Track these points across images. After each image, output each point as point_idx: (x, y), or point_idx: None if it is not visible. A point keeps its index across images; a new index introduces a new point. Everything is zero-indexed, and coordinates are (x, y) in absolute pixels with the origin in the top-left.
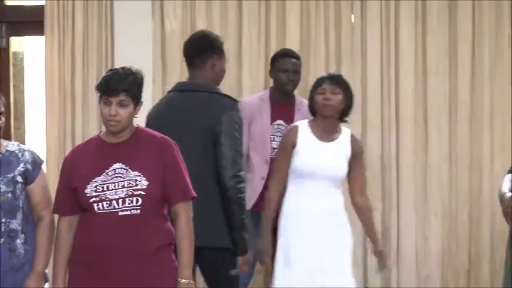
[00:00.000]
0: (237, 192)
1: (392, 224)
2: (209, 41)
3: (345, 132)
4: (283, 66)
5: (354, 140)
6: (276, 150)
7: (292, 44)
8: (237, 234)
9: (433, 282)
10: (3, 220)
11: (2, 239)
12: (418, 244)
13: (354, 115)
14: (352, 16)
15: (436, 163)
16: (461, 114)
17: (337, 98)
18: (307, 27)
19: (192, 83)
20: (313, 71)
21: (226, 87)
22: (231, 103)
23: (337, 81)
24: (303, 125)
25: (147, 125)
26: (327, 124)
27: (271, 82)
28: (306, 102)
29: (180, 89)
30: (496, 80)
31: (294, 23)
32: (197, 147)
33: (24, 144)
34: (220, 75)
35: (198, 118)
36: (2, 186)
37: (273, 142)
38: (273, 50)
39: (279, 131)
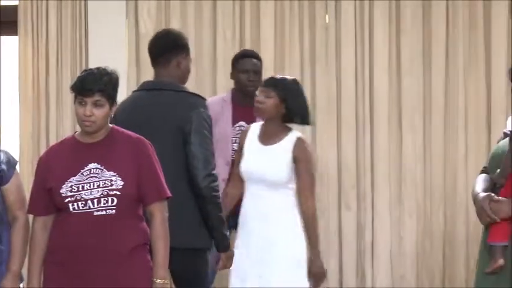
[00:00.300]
0: (211, 191)
1: (367, 224)
2: (173, 39)
3: (292, 136)
4: (244, 66)
5: (297, 145)
6: None
7: (267, 44)
8: (217, 232)
9: (408, 282)
10: None
11: None
12: (393, 244)
13: (329, 115)
14: (327, 16)
15: (411, 163)
16: (435, 114)
17: (270, 102)
18: (281, 27)
19: (158, 81)
20: (287, 71)
21: (200, 86)
22: (199, 101)
23: (270, 83)
24: (254, 127)
25: (114, 119)
26: (267, 127)
27: None
28: None
29: (146, 88)
30: (470, 80)
31: (268, 23)
32: (166, 147)
33: None
34: (185, 74)
35: (166, 117)
36: None
37: (234, 144)
38: None
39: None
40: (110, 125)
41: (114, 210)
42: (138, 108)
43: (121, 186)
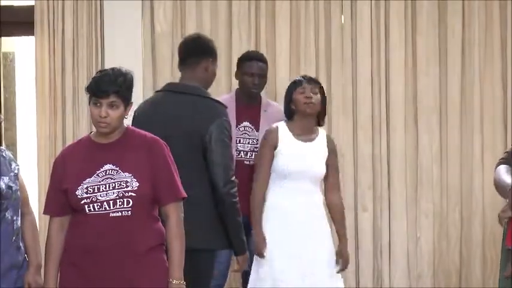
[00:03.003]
0: (232, 197)
1: (383, 224)
2: (205, 43)
3: (321, 132)
4: (250, 69)
5: (329, 140)
6: (241, 152)
7: (282, 44)
8: (236, 237)
9: (424, 282)
10: (14, 218)
11: (14, 238)
12: (410, 244)
13: (345, 115)
14: (342, 16)
15: (427, 163)
16: (451, 114)
17: (317, 97)
18: (296, 27)
19: (183, 84)
20: (303, 71)
21: (217, 87)
22: (221, 109)
23: (315, 81)
24: (282, 126)
25: (134, 124)
26: (306, 124)
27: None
28: (274, 103)
29: (170, 89)
30: (486, 80)
31: (283, 24)
32: (183, 150)
33: (16, 145)
34: (211, 79)
35: (187, 121)
36: (13, 185)
37: (239, 144)
38: (263, 51)
39: (245, 133)
40: (125, 125)
41: (129, 212)
42: (161, 109)
43: (136, 188)
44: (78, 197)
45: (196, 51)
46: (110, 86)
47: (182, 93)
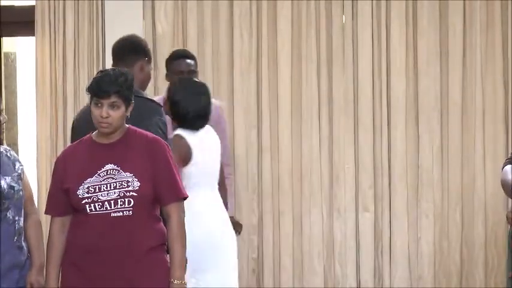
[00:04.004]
0: None
1: (384, 224)
2: (140, 43)
3: None
4: (178, 68)
5: None
6: None
7: (284, 44)
8: None
9: (425, 282)
10: (16, 218)
11: (15, 238)
12: (411, 245)
13: (346, 115)
14: (343, 16)
15: (428, 164)
16: (452, 114)
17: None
18: (298, 27)
19: None
20: (304, 71)
21: (218, 86)
22: (156, 108)
23: None
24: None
25: (74, 130)
26: None
27: (262, 83)
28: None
29: None
30: (487, 80)
31: (285, 24)
32: None
33: (17, 145)
34: (146, 79)
35: None
36: (15, 185)
37: None
38: (265, 51)
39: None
40: (126, 125)
41: (131, 212)
42: None
43: (138, 188)
44: (79, 196)
45: (132, 51)
46: (110, 86)
47: None
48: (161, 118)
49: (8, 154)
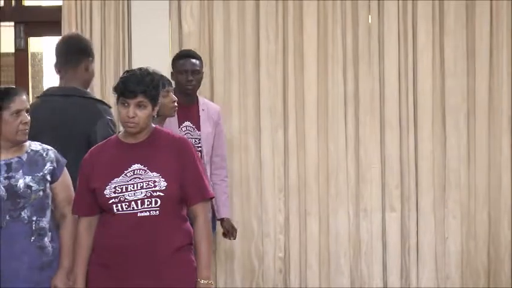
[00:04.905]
0: None
1: (411, 224)
2: (85, 43)
3: None
4: (182, 67)
5: None
6: None
7: (310, 44)
8: None
9: (452, 282)
10: (33, 218)
11: (33, 238)
12: (438, 245)
13: (372, 115)
14: (370, 16)
15: (455, 164)
16: (479, 114)
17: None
18: (324, 27)
19: (66, 87)
20: (330, 71)
21: (244, 86)
22: (104, 108)
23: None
24: None
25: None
26: None
27: (288, 83)
28: (211, 103)
29: (53, 93)
30: None
31: (311, 24)
32: (69, 152)
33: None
34: (91, 78)
35: (72, 124)
36: (34, 185)
37: None
38: (291, 51)
39: (188, 133)
40: (153, 125)
41: (157, 211)
42: (47, 113)
43: (164, 188)
44: (106, 196)
45: (77, 51)
46: (137, 86)
47: (64, 96)
48: (110, 117)
49: (44, 154)
